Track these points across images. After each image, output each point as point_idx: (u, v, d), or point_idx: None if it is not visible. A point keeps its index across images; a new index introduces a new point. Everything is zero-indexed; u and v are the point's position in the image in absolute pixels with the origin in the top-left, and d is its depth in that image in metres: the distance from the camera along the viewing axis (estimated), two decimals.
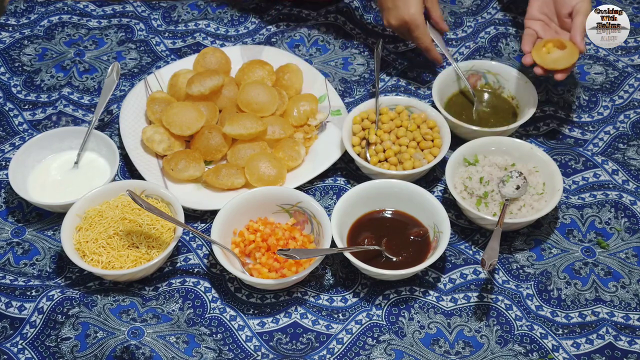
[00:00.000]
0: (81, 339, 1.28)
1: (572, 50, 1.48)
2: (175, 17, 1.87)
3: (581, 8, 1.51)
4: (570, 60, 1.48)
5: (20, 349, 1.29)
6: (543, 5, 1.59)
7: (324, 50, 1.80)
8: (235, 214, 1.42)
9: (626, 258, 1.42)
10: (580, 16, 1.50)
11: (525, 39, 1.56)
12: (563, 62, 1.48)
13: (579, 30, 1.49)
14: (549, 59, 1.49)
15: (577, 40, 1.49)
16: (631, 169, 1.55)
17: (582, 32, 1.49)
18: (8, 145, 1.60)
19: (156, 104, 1.59)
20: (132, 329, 1.30)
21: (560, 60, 1.48)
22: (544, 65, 1.49)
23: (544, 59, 1.50)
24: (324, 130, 1.61)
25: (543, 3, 1.58)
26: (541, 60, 1.50)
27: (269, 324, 1.34)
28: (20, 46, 1.79)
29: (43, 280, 1.38)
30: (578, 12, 1.51)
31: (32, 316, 1.33)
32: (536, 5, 1.59)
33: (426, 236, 1.41)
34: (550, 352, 1.30)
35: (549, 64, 1.49)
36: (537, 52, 1.51)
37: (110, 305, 1.33)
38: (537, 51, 1.51)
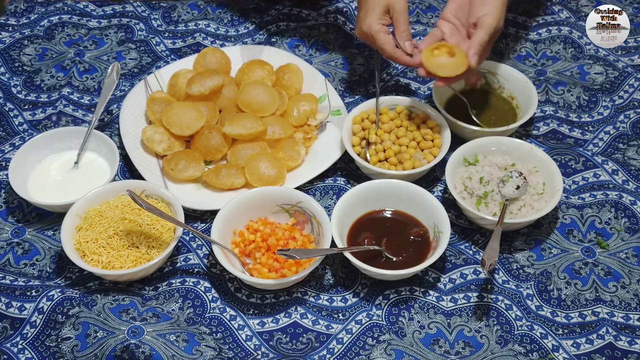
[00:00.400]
0: (81, 339, 1.28)
1: (460, 61, 1.44)
2: (175, 17, 1.87)
3: (485, 22, 1.45)
4: (454, 70, 1.44)
5: (21, 349, 1.29)
6: (459, 10, 1.53)
7: (324, 50, 1.80)
8: (235, 214, 1.42)
9: (626, 258, 1.42)
10: (481, 31, 1.45)
11: (426, 38, 1.51)
12: (446, 70, 1.44)
13: (475, 44, 1.45)
14: (434, 63, 1.44)
15: (469, 53, 1.45)
16: (631, 169, 1.55)
17: (477, 46, 1.44)
18: (8, 146, 1.60)
19: (156, 104, 1.60)
20: (132, 328, 1.30)
21: (444, 68, 1.44)
22: (427, 67, 1.45)
23: (430, 61, 1.45)
24: (324, 130, 1.61)
25: (459, 7, 1.53)
26: (427, 62, 1.45)
27: (269, 323, 1.34)
28: (20, 46, 1.79)
29: (43, 281, 1.38)
30: (481, 25, 1.46)
31: (32, 316, 1.33)
32: (452, 7, 1.53)
33: (426, 236, 1.41)
34: (550, 352, 1.30)
35: (432, 67, 1.45)
36: (427, 52, 1.46)
37: (110, 305, 1.33)
38: (427, 52, 1.46)
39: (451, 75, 1.44)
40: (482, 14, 1.46)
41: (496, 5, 1.46)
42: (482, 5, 1.46)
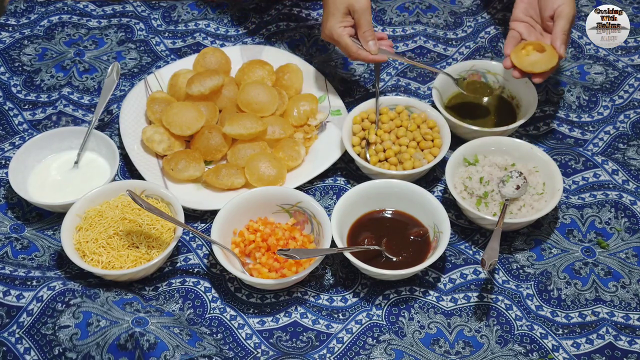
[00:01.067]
0: (82, 327, 1.25)
1: (551, 54, 1.46)
2: (175, 17, 1.87)
3: (562, 12, 1.48)
4: (548, 64, 1.46)
5: (18, 338, 1.27)
6: (528, 7, 1.56)
7: (324, 50, 1.80)
8: (235, 214, 1.42)
9: (626, 258, 1.42)
10: (561, 20, 1.47)
11: (508, 41, 1.53)
12: (540, 65, 1.46)
13: (559, 35, 1.47)
14: (527, 62, 1.47)
15: (556, 44, 1.46)
16: (631, 169, 1.55)
17: (562, 36, 1.47)
18: (8, 145, 1.60)
19: (156, 104, 1.59)
20: (136, 318, 1.28)
21: (538, 64, 1.46)
22: (521, 67, 1.47)
23: (522, 61, 1.47)
24: (324, 130, 1.61)
25: (528, 5, 1.56)
26: (519, 62, 1.47)
27: (269, 323, 1.34)
28: (20, 46, 1.79)
29: (44, 272, 1.37)
30: (559, 15, 1.48)
31: (30, 304, 1.30)
32: (521, 6, 1.56)
33: (426, 236, 1.41)
34: (550, 352, 1.30)
35: (526, 66, 1.47)
36: (515, 54, 1.48)
37: (114, 298, 1.32)
38: (515, 53, 1.48)
39: (547, 69, 1.46)
40: (557, 5, 1.49)
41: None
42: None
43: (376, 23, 1.85)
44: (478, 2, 1.89)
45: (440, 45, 1.80)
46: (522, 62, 1.47)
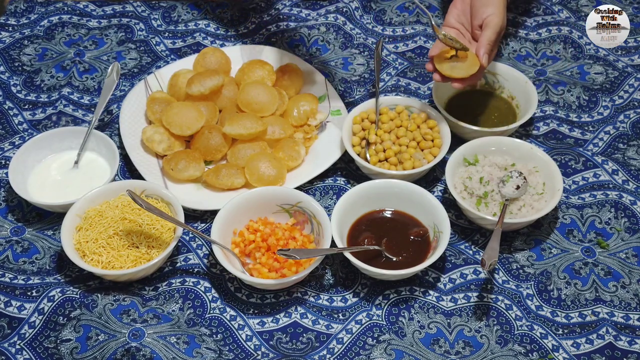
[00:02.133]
0: (82, 341, 1.28)
1: (472, 62, 1.47)
2: (175, 17, 1.87)
3: (491, 22, 1.49)
4: (467, 71, 1.46)
5: (19, 349, 1.29)
6: (460, 14, 1.57)
7: (324, 50, 1.80)
8: (235, 214, 1.42)
9: (626, 258, 1.42)
10: (488, 30, 1.49)
11: (435, 45, 1.53)
12: (459, 71, 1.47)
13: (484, 44, 1.48)
14: (447, 67, 1.47)
15: (479, 53, 1.48)
16: (631, 169, 1.55)
17: (486, 46, 1.48)
18: (8, 145, 1.60)
19: (156, 104, 1.60)
20: (132, 330, 1.30)
21: (457, 69, 1.47)
22: (441, 71, 1.47)
23: (442, 65, 1.48)
24: (324, 130, 1.61)
25: (461, 12, 1.57)
26: (440, 66, 1.48)
27: (269, 323, 1.34)
28: (20, 46, 1.79)
29: (43, 278, 1.38)
30: (487, 25, 1.49)
31: (31, 316, 1.33)
32: (454, 13, 1.57)
33: (426, 236, 1.41)
34: (550, 352, 1.30)
35: (445, 70, 1.47)
36: (438, 58, 1.48)
37: (111, 306, 1.33)
38: (438, 58, 1.48)
39: (465, 75, 1.46)
40: (486, 15, 1.50)
41: (498, 5, 1.51)
42: (486, 7, 1.51)
43: (376, 23, 1.85)
44: None
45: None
46: (442, 66, 1.48)
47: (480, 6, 1.52)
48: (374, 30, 1.84)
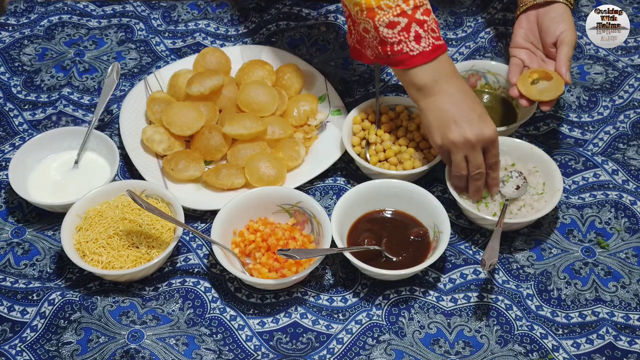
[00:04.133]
0: (82, 344, 1.29)
1: (558, 82, 1.44)
2: (175, 17, 1.87)
3: (565, 38, 1.46)
4: (556, 92, 1.44)
5: (19, 351, 1.29)
6: (529, 33, 1.54)
7: (324, 50, 1.80)
8: (235, 214, 1.42)
9: (626, 258, 1.42)
10: (565, 47, 1.46)
11: (511, 69, 1.51)
12: (549, 93, 1.44)
13: (564, 62, 1.45)
14: (535, 91, 1.45)
15: (562, 71, 1.44)
16: (631, 169, 1.55)
17: (566, 63, 1.45)
18: (8, 146, 1.60)
19: (156, 104, 1.60)
20: (132, 332, 1.30)
21: (546, 92, 1.44)
22: (529, 96, 1.45)
23: (530, 90, 1.45)
24: (324, 130, 1.61)
25: (528, 30, 1.54)
26: (527, 91, 1.45)
27: (269, 323, 1.34)
28: (20, 46, 1.79)
29: (43, 282, 1.38)
30: (562, 42, 1.46)
31: (33, 320, 1.33)
32: (521, 33, 1.53)
33: (426, 236, 1.41)
34: (550, 352, 1.30)
35: (534, 95, 1.44)
36: (522, 83, 1.46)
37: (110, 307, 1.33)
38: (522, 82, 1.46)
39: (555, 97, 1.44)
40: (560, 32, 1.47)
41: (569, 20, 1.48)
42: (557, 24, 1.48)
43: None
44: (478, 2, 1.89)
45: None
46: (530, 90, 1.45)
47: (551, 23, 1.48)
48: None
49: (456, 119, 1.36)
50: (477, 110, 1.37)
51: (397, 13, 1.34)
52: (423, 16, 1.36)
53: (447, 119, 1.37)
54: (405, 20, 1.35)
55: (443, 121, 1.38)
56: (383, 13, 1.35)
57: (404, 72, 1.40)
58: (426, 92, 1.39)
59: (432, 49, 1.37)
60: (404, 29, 1.35)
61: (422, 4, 1.36)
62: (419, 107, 1.42)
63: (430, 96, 1.39)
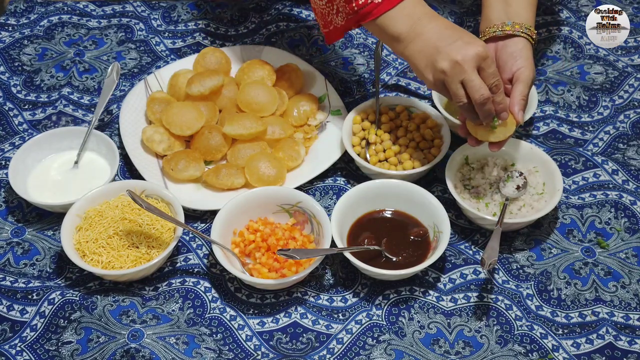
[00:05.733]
0: (83, 343, 1.29)
1: (509, 122, 1.35)
2: (175, 17, 1.87)
3: (521, 75, 1.37)
4: (505, 133, 1.36)
5: (19, 351, 1.29)
6: None
7: (324, 50, 1.80)
8: (235, 214, 1.42)
9: (626, 258, 1.42)
10: (520, 85, 1.37)
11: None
12: (498, 134, 1.35)
13: (517, 100, 1.36)
14: (482, 131, 1.36)
15: (514, 110, 1.36)
16: (631, 169, 1.55)
17: (520, 102, 1.36)
18: (8, 145, 1.60)
19: (156, 104, 1.60)
20: (132, 331, 1.30)
21: (495, 133, 1.35)
22: (477, 137, 1.38)
23: (477, 130, 1.36)
24: (324, 130, 1.61)
25: None
26: (474, 131, 1.37)
27: (269, 323, 1.34)
28: (20, 46, 1.79)
29: (43, 281, 1.38)
30: (518, 79, 1.38)
31: (33, 320, 1.33)
32: None
33: (426, 236, 1.41)
34: (550, 352, 1.30)
35: (482, 136, 1.36)
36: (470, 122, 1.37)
37: (110, 307, 1.33)
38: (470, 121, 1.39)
39: (504, 138, 1.38)
40: (516, 68, 1.39)
41: (528, 57, 1.40)
42: (514, 60, 1.40)
43: None
44: (478, 2, 1.89)
45: None
46: (477, 130, 1.37)
47: (508, 59, 1.40)
48: None
49: (439, 49, 1.30)
50: (460, 35, 1.31)
51: None
52: None
53: (431, 54, 1.31)
54: None
55: (428, 58, 1.32)
56: None
57: (376, 24, 1.35)
58: (405, 41, 1.35)
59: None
60: None
61: None
62: (405, 57, 1.37)
63: (410, 42, 1.34)
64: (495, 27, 1.44)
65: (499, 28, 1.43)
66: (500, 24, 1.43)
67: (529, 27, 1.43)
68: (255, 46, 1.76)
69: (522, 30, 1.42)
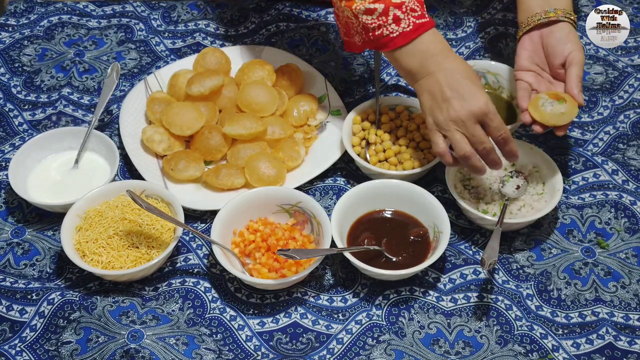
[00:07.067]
0: (82, 343, 1.28)
1: (571, 104, 1.37)
2: (175, 17, 1.87)
3: (575, 58, 1.41)
4: (570, 115, 1.37)
5: (19, 351, 1.29)
6: (533, 55, 1.47)
7: (324, 50, 1.80)
8: (235, 214, 1.42)
9: (626, 258, 1.42)
10: (575, 67, 1.40)
11: (520, 94, 1.44)
12: (565, 118, 1.37)
13: (575, 83, 1.39)
14: (549, 116, 1.37)
15: (574, 93, 1.39)
16: (631, 169, 1.55)
17: (578, 84, 1.39)
18: (8, 146, 1.60)
19: (156, 104, 1.60)
20: (131, 332, 1.30)
21: (562, 117, 1.37)
22: (543, 122, 1.38)
23: (543, 115, 1.37)
24: (324, 130, 1.61)
25: (533, 52, 1.47)
26: (540, 117, 1.38)
27: (269, 324, 1.34)
28: (20, 46, 1.79)
29: (43, 282, 1.38)
30: (571, 62, 1.41)
31: (32, 320, 1.33)
32: (525, 55, 1.47)
33: (426, 236, 1.41)
34: (550, 352, 1.30)
35: (549, 120, 1.37)
36: (534, 108, 1.39)
37: (110, 307, 1.33)
38: (534, 107, 1.39)
39: (569, 120, 1.38)
40: (568, 52, 1.42)
41: (576, 39, 1.43)
42: (564, 44, 1.42)
43: None
44: (478, 2, 1.89)
45: None
46: (543, 116, 1.38)
47: (558, 44, 1.43)
48: None
49: (445, 97, 1.33)
50: (466, 86, 1.33)
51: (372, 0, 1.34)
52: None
53: (436, 100, 1.35)
54: (381, 5, 1.34)
55: (433, 102, 1.35)
56: (360, 2, 1.35)
57: (392, 55, 1.39)
58: (416, 76, 1.38)
59: (413, 29, 1.35)
60: (382, 13, 1.35)
61: None
62: (415, 90, 1.41)
63: (421, 79, 1.37)
64: (538, 15, 1.46)
65: (543, 15, 1.45)
66: (542, 12, 1.46)
67: (569, 12, 1.46)
68: (255, 46, 1.76)
69: (566, 15, 1.45)
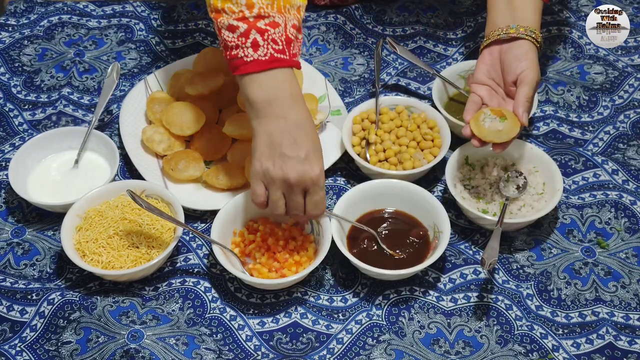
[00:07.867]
0: (82, 343, 1.28)
1: (512, 123, 1.36)
2: (175, 17, 1.87)
3: (526, 77, 1.38)
4: (509, 134, 1.35)
5: (19, 351, 1.29)
6: (490, 69, 1.45)
7: (324, 50, 1.80)
8: (235, 214, 1.42)
9: (626, 258, 1.42)
10: (524, 87, 1.38)
11: (468, 106, 1.41)
12: (501, 135, 1.36)
13: (522, 102, 1.37)
14: (486, 131, 1.36)
15: (519, 112, 1.36)
16: (631, 169, 1.55)
17: (524, 104, 1.37)
18: (8, 146, 1.60)
19: (156, 104, 1.60)
20: (131, 332, 1.30)
21: (498, 134, 1.36)
22: (481, 137, 1.38)
23: (482, 130, 1.36)
24: (324, 130, 1.61)
25: (490, 67, 1.45)
26: (479, 131, 1.36)
27: (269, 323, 1.34)
28: (20, 46, 1.79)
29: (43, 283, 1.38)
30: (522, 81, 1.38)
31: (32, 320, 1.33)
32: (483, 68, 1.45)
33: (426, 236, 1.41)
34: (550, 352, 1.30)
35: (486, 136, 1.36)
36: (474, 122, 1.37)
37: (110, 307, 1.33)
38: (475, 121, 1.37)
39: (508, 139, 1.37)
40: (520, 70, 1.40)
41: (532, 58, 1.40)
42: (519, 61, 1.40)
43: (376, 23, 1.85)
44: (478, 2, 1.89)
45: (440, 45, 1.80)
46: (481, 131, 1.36)
47: (513, 61, 1.41)
48: (374, 30, 1.84)
49: (283, 153, 1.26)
50: (306, 149, 1.27)
51: (238, 17, 1.27)
52: (267, 27, 1.28)
53: (273, 150, 1.27)
54: (245, 25, 1.27)
55: (268, 150, 1.28)
56: (227, 16, 1.29)
57: (241, 81, 1.30)
58: (259, 112, 1.29)
59: (269, 60, 1.28)
60: (243, 34, 1.28)
61: (267, 16, 1.28)
62: (251, 126, 1.32)
63: (263, 117, 1.29)
64: (500, 30, 1.44)
65: (504, 31, 1.44)
66: (505, 27, 1.44)
67: (534, 30, 1.43)
68: None
69: (527, 33, 1.42)
